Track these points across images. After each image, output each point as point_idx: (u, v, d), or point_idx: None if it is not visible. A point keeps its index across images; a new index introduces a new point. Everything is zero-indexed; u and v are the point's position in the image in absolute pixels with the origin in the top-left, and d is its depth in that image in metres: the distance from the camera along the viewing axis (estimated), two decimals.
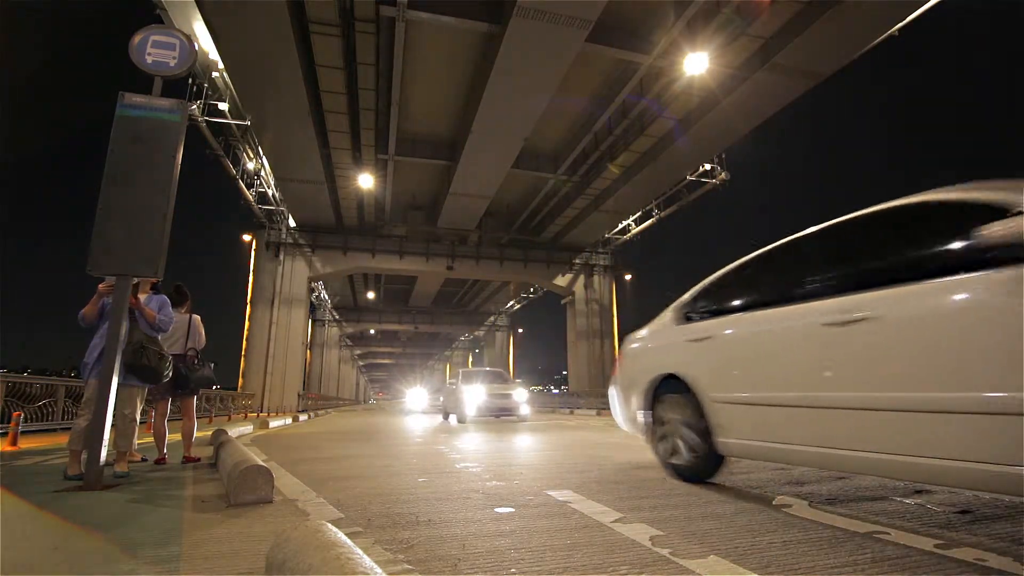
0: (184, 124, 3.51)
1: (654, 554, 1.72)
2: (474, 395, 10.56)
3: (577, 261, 25.21)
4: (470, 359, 51.88)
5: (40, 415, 7.33)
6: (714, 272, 3.26)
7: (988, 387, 1.66)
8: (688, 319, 3.24)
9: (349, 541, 1.21)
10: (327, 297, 33.87)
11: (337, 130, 15.22)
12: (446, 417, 12.72)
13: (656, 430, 3.30)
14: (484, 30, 12.02)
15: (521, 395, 10.84)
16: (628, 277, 26.39)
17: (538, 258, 24.41)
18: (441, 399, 17.18)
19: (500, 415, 10.77)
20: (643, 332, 3.68)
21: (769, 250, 2.87)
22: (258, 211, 20.45)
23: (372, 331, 43.24)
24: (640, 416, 3.44)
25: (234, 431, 7.01)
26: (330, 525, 1.31)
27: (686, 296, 3.37)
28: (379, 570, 1.06)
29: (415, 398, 22.34)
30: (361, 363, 66.49)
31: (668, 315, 3.45)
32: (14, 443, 5.44)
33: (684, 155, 16.88)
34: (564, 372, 25.15)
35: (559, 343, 28.17)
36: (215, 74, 14.47)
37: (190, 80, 14.19)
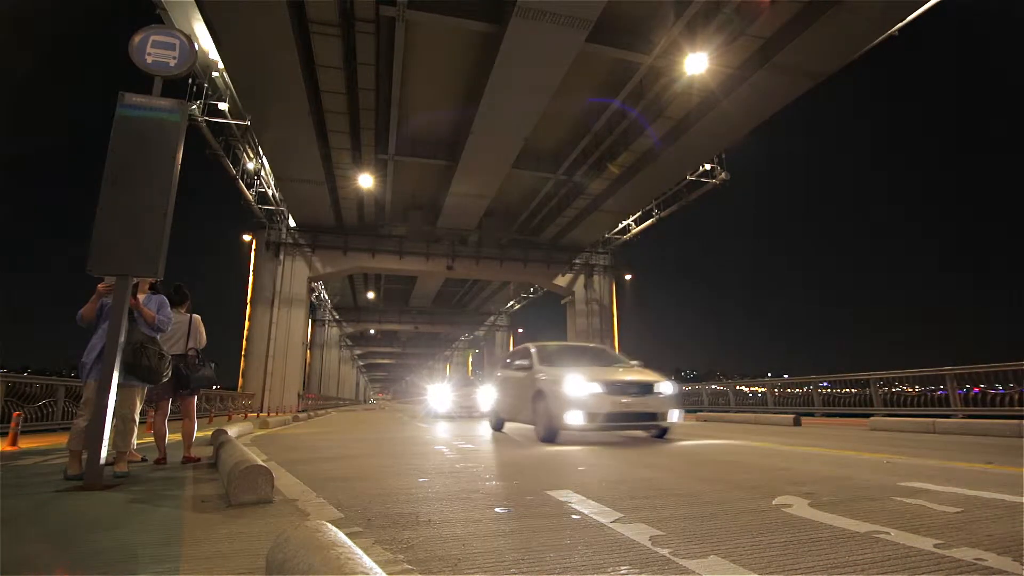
0: (184, 124, 3.51)
1: (654, 554, 1.71)
2: (578, 388, 5.78)
3: (577, 261, 25.22)
4: (470, 359, 51.90)
5: (40, 415, 7.34)
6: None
7: None
8: None
9: (349, 541, 1.21)
10: (327, 297, 33.88)
11: (337, 130, 15.23)
12: (499, 427, 8.21)
13: None
14: (484, 30, 12.02)
15: (667, 388, 6.07)
16: (628, 277, 26.41)
17: (538, 258, 24.42)
18: (475, 396, 14.33)
19: (632, 425, 6.10)
20: None
21: None
22: (258, 211, 20.47)
23: (372, 331, 43.26)
24: None
25: (234, 431, 7.00)
26: (330, 525, 1.31)
27: None
28: (379, 570, 1.06)
29: (438, 397, 16.16)
30: (361, 363, 66.50)
31: None
32: (14, 443, 5.44)
33: (684, 155, 16.89)
34: None
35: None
36: (215, 74, 14.48)
37: (190, 80, 14.20)
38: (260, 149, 17.49)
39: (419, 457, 4.85)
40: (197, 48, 4.07)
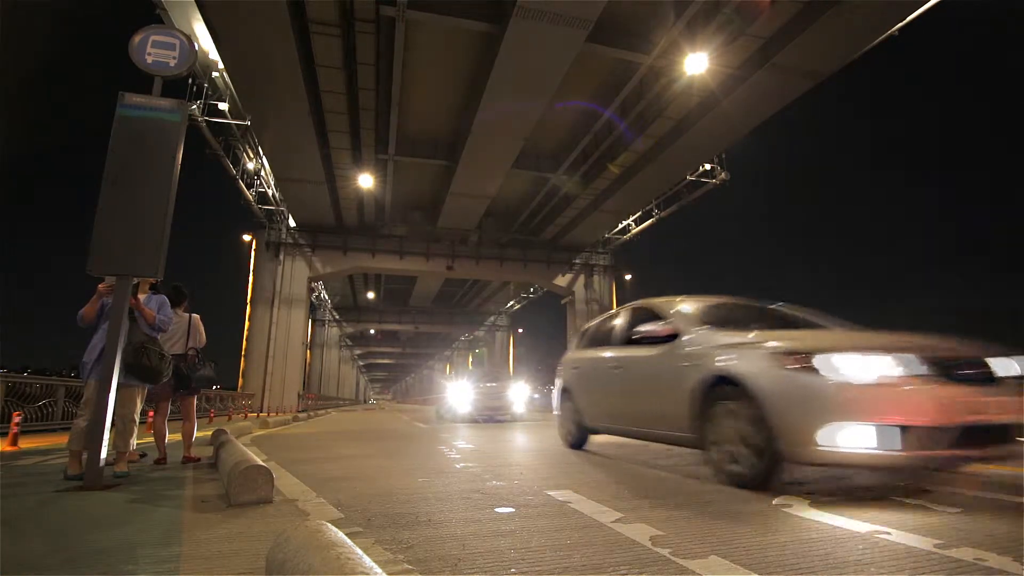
0: (184, 124, 3.51)
1: (654, 554, 1.71)
2: (856, 367, 2.57)
3: (577, 261, 25.22)
4: (470, 359, 51.89)
5: (40, 415, 7.34)
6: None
7: None
8: None
9: (349, 541, 1.21)
10: (327, 297, 33.88)
11: (337, 130, 15.23)
12: (579, 443, 5.16)
13: None
14: (484, 30, 12.02)
15: (1014, 367, 2.72)
16: (628, 277, 26.42)
17: (538, 258, 24.42)
18: (507, 394, 11.82)
19: (978, 454, 2.55)
20: None
21: None
22: (258, 211, 20.47)
23: (372, 331, 43.26)
24: None
25: (234, 431, 7.00)
26: (330, 525, 1.31)
27: None
28: (379, 570, 1.06)
29: (459, 395, 12.24)
30: (361, 363, 66.50)
31: None
32: (14, 443, 5.44)
33: (684, 155, 16.89)
34: None
35: (560, 343, 28.14)
36: (215, 74, 14.48)
37: (190, 80, 14.20)
38: (260, 149, 17.48)
39: (419, 458, 4.84)
40: (197, 48, 4.07)
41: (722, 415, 3.10)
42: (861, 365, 2.60)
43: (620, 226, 23.92)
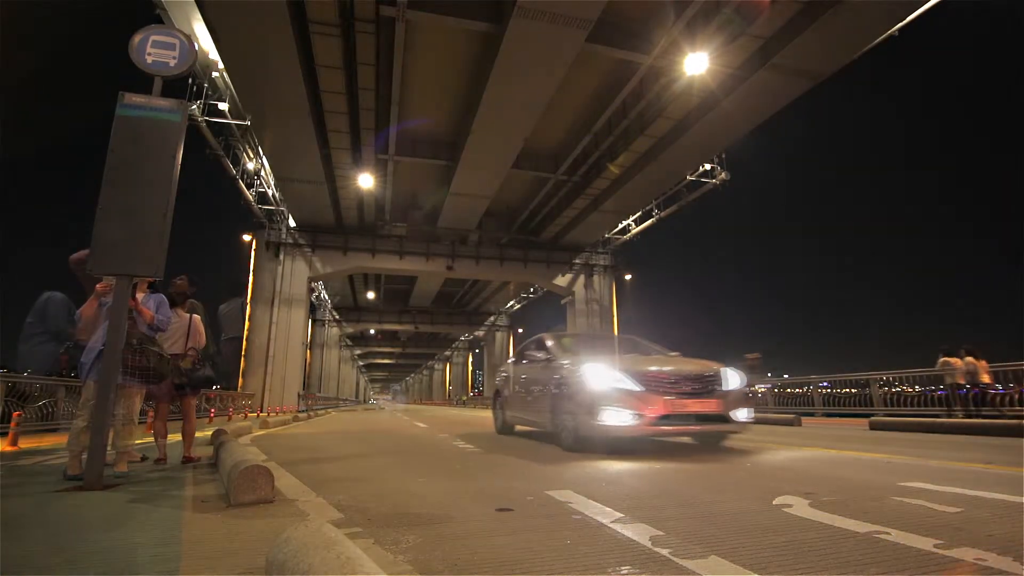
0: (184, 124, 3.51)
1: (654, 554, 1.71)
2: None
3: (577, 261, 25.23)
4: (470, 359, 51.90)
5: (40, 415, 7.34)
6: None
7: None
8: None
9: (349, 541, 1.21)
10: (327, 297, 33.90)
11: (337, 130, 15.24)
12: None
13: None
14: (484, 30, 12.03)
15: None
16: (628, 277, 26.43)
17: (538, 258, 24.43)
18: (732, 381, 4.79)
19: None
20: None
21: None
22: (258, 211, 20.48)
23: (372, 331, 43.28)
24: None
25: (234, 431, 7.00)
26: (330, 525, 1.31)
27: None
28: (379, 570, 1.06)
29: (609, 384, 4.55)
30: (361, 363, 66.51)
31: None
32: (14, 443, 5.45)
33: (684, 155, 16.90)
34: None
35: None
36: (215, 74, 14.49)
37: (190, 80, 14.21)
38: (260, 149, 17.50)
39: (419, 458, 4.85)
40: (197, 48, 4.08)
41: None
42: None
43: (620, 226, 23.94)
